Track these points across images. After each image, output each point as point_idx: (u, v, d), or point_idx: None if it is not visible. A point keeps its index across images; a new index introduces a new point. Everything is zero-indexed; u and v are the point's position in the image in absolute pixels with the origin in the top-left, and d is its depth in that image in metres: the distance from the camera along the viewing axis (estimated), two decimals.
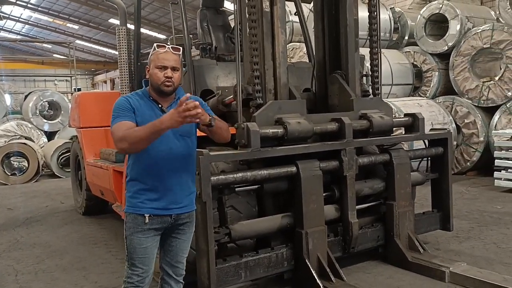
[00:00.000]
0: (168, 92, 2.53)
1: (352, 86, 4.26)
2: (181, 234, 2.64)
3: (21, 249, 5.25)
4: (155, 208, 2.49)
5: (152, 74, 2.52)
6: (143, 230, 2.49)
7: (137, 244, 2.50)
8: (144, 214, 2.48)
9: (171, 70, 2.49)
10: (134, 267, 2.53)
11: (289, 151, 3.60)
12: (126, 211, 2.54)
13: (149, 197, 2.49)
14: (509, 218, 5.63)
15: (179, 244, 2.65)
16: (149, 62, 2.56)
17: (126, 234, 2.54)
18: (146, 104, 2.53)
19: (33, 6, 27.11)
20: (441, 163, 4.63)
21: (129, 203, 2.53)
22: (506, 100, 8.23)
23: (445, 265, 3.84)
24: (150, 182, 2.49)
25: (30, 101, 12.70)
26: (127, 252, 2.55)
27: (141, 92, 2.60)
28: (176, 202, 2.54)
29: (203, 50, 5.37)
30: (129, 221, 2.52)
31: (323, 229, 3.73)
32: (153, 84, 2.53)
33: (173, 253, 2.64)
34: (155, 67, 2.50)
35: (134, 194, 2.51)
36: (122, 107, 2.48)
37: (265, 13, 3.82)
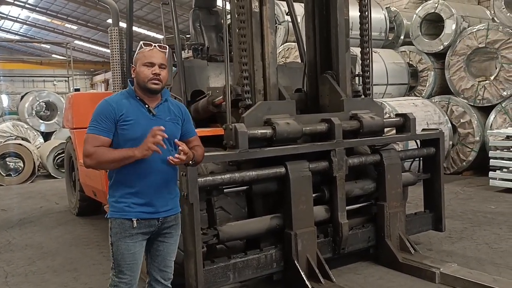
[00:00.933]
0: (156, 90, 2.47)
1: (342, 87, 4.24)
2: (168, 237, 2.58)
3: (12, 251, 5.23)
4: (143, 212, 2.44)
5: (139, 72, 2.45)
6: (131, 235, 2.43)
7: (125, 250, 2.43)
8: (131, 218, 2.42)
9: (159, 67, 2.44)
10: (122, 274, 2.46)
11: (278, 152, 3.59)
12: (112, 217, 2.46)
13: (136, 201, 2.43)
14: (503, 218, 5.62)
15: (167, 248, 2.59)
16: (135, 60, 2.51)
17: (112, 240, 2.45)
18: (133, 104, 2.47)
19: (31, 6, 27.09)
20: (433, 163, 4.61)
21: (115, 208, 2.46)
22: (501, 99, 8.22)
23: (435, 266, 3.83)
24: (137, 185, 2.43)
25: (26, 102, 12.68)
26: (113, 260, 2.46)
27: (126, 92, 2.53)
28: (163, 205, 2.50)
29: (195, 51, 5.36)
30: (115, 227, 2.44)
31: (312, 230, 3.72)
32: (140, 82, 2.46)
33: (161, 257, 2.58)
34: (142, 65, 2.45)
35: (120, 199, 2.45)
36: (103, 115, 2.40)
37: (254, 13, 3.81)
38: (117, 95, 2.53)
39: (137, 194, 2.43)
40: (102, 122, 2.39)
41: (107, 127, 2.39)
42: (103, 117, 2.39)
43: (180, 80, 4.43)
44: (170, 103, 2.59)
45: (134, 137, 2.38)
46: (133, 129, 2.40)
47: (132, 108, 2.45)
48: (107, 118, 2.39)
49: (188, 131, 2.61)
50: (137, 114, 2.44)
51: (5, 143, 11.26)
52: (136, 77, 2.48)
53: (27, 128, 12.46)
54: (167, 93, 2.60)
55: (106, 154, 2.35)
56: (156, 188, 2.47)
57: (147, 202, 2.45)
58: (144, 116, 2.44)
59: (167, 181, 2.52)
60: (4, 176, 10.58)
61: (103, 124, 2.38)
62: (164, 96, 2.56)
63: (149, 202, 2.45)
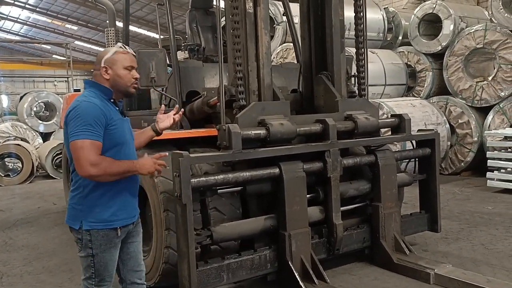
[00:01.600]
0: (134, 94, 2.49)
1: (337, 87, 4.24)
2: (136, 236, 2.59)
3: (8, 251, 5.24)
4: (125, 219, 2.43)
5: (120, 75, 2.41)
6: (115, 244, 2.40)
7: (109, 260, 2.40)
8: (116, 227, 2.38)
9: (136, 71, 2.48)
10: (103, 282, 2.42)
11: (272, 152, 3.59)
12: (92, 228, 2.32)
13: (119, 209, 2.40)
14: (499, 219, 5.61)
15: (136, 247, 2.59)
16: (111, 62, 2.42)
17: (94, 252, 2.34)
18: (110, 106, 2.42)
19: (31, 6, 27.12)
20: (429, 164, 4.60)
21: (96, 219, 2.34)
22: (499, 100, 8.22)
23: (430, 267, 3.82)
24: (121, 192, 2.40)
25: (25, 102, 12.69)
26: (93, 271, 2.38)
27: (100, 94, 2.42)
28: (137, 207, 2.56)
29: (191, 51, 5.37)
30: (98, 239, 2.33)
31: (306, 231, 3.72)
32: (121, 86, 2.43)
33: (133, 259, 2.58)
34: (123, 68, 2.41)
35: (103, 207, 2.35)
36: (96, 119, 2.28)
37: (248, 14, 3.81)
38: (95, 97, 2.38)
39: (120, 202, 2.40)
40: (96, 127, 2.28)
41: (100, 132, 2.29)
42: (97, 121, 2.28)
43: (175, 81, 4.43)
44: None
45: (119, 142, 2.38)
46: (119, 133, 2.38)
47: (112, 112, 2.39)
48: (100, 123, 2.30)
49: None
50: (115, 117, 2.40)
51: (4, 144, 11.26)
52: (114, 79, 2.42)
53: (26, 128, 12.47)
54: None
55: (113, 166, 2.27)
56: (134, 192, 2.51)
57: (128, 208, 2.45)
58: (120, 118, 2.44)
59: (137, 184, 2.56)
60: (2, 176, 10.58)
61: (98, 129, 2.28)
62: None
63: (129, 207, 2.46)
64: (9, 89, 19.23)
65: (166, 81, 4.20)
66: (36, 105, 12.98)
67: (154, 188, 3.68)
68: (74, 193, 2.39)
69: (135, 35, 27.67)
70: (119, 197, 2.40)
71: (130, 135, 2.53)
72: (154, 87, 4.10)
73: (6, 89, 18.38)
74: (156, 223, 3.71)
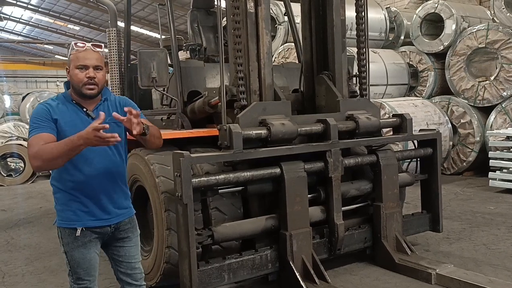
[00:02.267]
0: (92, 95, 2.34)
1: (339, 87, 4.24)
2: (127, 241, 2.52)
3: (10, 251, 5.25)
4: (91, 220, 2.35)
5: (72, 75, 2.32)
6: (84, 243, 2.36)
7: (80, 258, 2.37)
8: (76, 227, 2.33)
9: (94, 69, 2.31)
10: (81, 280, 2.41)
11: (273, 152, 3.58)
12: (59, 226, 2.37)
13: (82, 208, 2.33)
14: (501, 219, 5.60)
15: (128, 252, 2.53)
16: (69, 61, 2.37)
17: (65, 249, 2.39)
18: (70, 108, 2.35)
19: (33, 7, 27.18)
20: (430, 164, 4.59)
21: (61, 217, 2.36)
22: (501, 100, 8.20)
23: (431, 267, 3.82)
24: (82, 191, 2.33)
25: (28, 102, 12.74)
26: (69, 268, 2.41)
27: (62, 96, 2.40)
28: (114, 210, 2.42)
29: (192, 51, 5.37)
30: (65, 236, 2.36)
31: (308, 231, 3.71)
32: (75, 86, 2.34)
33: (125, 262, 2.53)
34: (75, 68, 2.31)
35: (65, 206, 2.34)
36: (40, 117, 2.27)
37: (249, 13, 3.81)
38: (53, 100, 2.39)
39: (82, 201, 2.33)
40: (41, 122, 2.26)
41: (48, 125, 2.25)
42: (41, 118, 2.27)
43: (177, 81, 4.43)
44: (110, 102, 2.48)
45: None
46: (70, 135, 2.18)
47: (69, 113, 2.33)
48: (46, 119, 2.27)
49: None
50: (74, 118, 2.32)
51: (6, 144, 11.29)
52: (70, 79, 2.36)
53: (28, 128, 12.48)
54: (107, 92, 2.49)
55: (50, 149, 2.14)
56: (101, 194, 2.37)
57: (92, 209, 2.35)
58: (82, 120, 2.31)
59: (114, 184, 2.43)
60: (5, 176, 10.62)
61: (43, 124, 2.25)
62: (103, 96, 2.45)
63: (95, 209, 2.36)
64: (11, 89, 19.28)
65: (167, 81, 4.20)
66: None
67: (155, 188, 3.69)
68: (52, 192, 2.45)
69: (137, 35, 27.73)
70: (81, 199, 2.34)
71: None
72: (155, 87, 4.11)
73: (8, 89, 18.42)
74: (157, 223, 3.71)
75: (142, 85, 4.10)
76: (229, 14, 3.82)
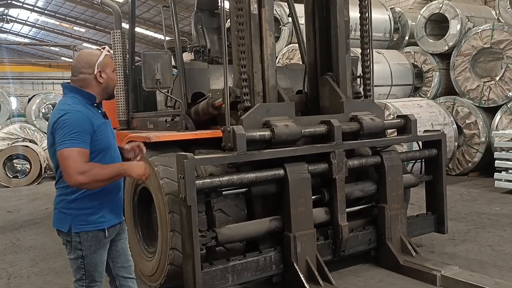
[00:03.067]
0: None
1: (343, 88, 4.23)
2: (122, 233, 2.65)
3: (16, 252, 5.27)
4: (113, 219, 2.47)
5: (112, 78, 2.49)
6: (104, 244, 2.44)
7: (99, 260, 2.43)
8: (104, 228, 2.41)
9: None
10: (94, 282, 2.46)
11: (276, 154, 3.58)
12: (83, 230, 2.35)
13: (108, 210, 2.43)
14: (507, 220, 5.57)
15: (124, 243, 2.65)
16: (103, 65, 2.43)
17: (84, 254, 2.37)
18: (94, 112, 2.42)
19: (39, 9, 27.35)
20: (435, 165, 4.58)
21: (86, 221, 2.36)
22: (507, 100, 8.16)
23: (436, 269, 3.80)
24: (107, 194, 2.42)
25: (33, 104, 12.78)
26: (84, 272, 2.41)
27: (77, 101, 2.38)
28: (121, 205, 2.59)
29: (196, 53, 5.38)
30: (87, 240, 2.37)
31: (312, 232, 3.71)
32: (110, 88, 2.48)
33: (122, 255, 2.63)
34: (112, 71, 2.49)
35: (92, 210, 2.37)
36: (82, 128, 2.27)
37: (253, 15, 3.81)
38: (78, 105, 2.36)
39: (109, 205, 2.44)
40: (83, 135, 2.27)
41: (87, 139, 2.29)
42: (84, 130, 2.28)
43: (181, 82, 4.44)
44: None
45: (103, 148, 2.38)
46: (104, 138, 2.37)
47: (96, 117, 2.40)
48: (87, 132, 2.30)
49: None
50: (100, 122, 2.40)
51: (12, 145, 11.36)
52: (108, 82, 2.45)
53: (34, 130, 12.55)
54: None
55: (101, 172, 2.24)
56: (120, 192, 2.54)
57: (115, 209, 2.50)
58: (103, 122, 2.43)
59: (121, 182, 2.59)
60: (11, 177, 10.67)
61: (85, 137, 2.28)
62: None
63: (116, 208, 2.51)
64: (17, 91, 19.37)
65: (171, 83, 4.21)
66: (44, 107, 13.06)
67: (159, 190, 3.70)
68: (60, 197, 2.40)
69: (142, 37, 27.82)
70: (107, 200, 2.43)
71: (113, 137, 2.54)
72: (159, 89, 4.12)
73: (15, 91, 18.51)
74: (161, 225, 3.72)
75: (146, 87, 4.11)
76: (233, 15, 3.83)
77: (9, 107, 13.19)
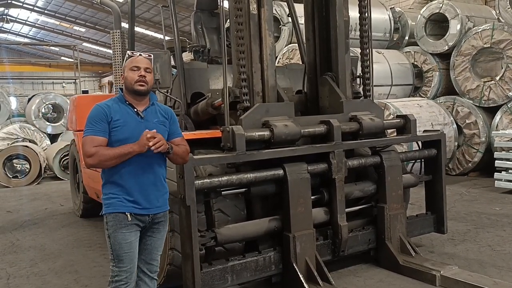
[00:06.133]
0: (142, 92, 2.64)
1: (342, 88, 4.23)
2: (156, 233, 2.74)
3: (16, 252, 5.27)
4: (134, 207, 2.60)
5: (126, 77, 2.66)
6: (126, 225, 2.59)
7: (122, 240, 2.58)
8: (125, 212, 2.58)
9: (144, 70, 2.65)
10: (122, 263, 2.59)
11: (275, 154, 3.58)
12: (106, 212, 2.62)
13: (127, 197, 2.59)
14: (507, 220, 5.56)
15: (154, 243, 2.75)
16: (123, 68, 2.71)
17: (108, 233, 2.61)
18: (122, 108, 2.66)
19: (39, 9, 27.34)
20: (434, 165, 4.58)
21: (108, 205, 2.62)
22: (507, 100, 8.16)
23: (436, 269, 3.80)
24: (128, 183, 2.59)
25: (33, 104, 12.77)
26: (112, 251, 2.61)
27: (117, 98, 2.71)
28: (153, 202, 2.66)
29: (196, 53, 5.37)
30: (110, 220, 2.60)
31: (311, 232, 3.70)
32: (128, 86, 2.66)
33: (147, 251, 2.74)
34: (129, 70, 2.65)
35: (112, 195, 2.61)
36: (97, 118, 2.58)
37: (252, 15, 3.81)
38: (108, 101, 2.70)
39: (128, 192, 2.60)
40: (97, 124, 2.57)
41: (102, 128, 2.56)
42: (97, 119, 2.58)
43: (180, 82, 4.44)
44: (157, 106, 2.77)
45: (122, 138, 2.56)
46: (122, 130, 2.58)
47: (121, 112, 2.63)
48: (101, 120, 2.57)
49: (173, 132, 2.77)
50: (126, 117, 2.62)
51: (12, 145, 11.36)
52: (124, 82, 2.68)
53: (33, 130, 12.56)
54: (154, 97, 2.80)
55: (107, 152, 2.51)
56: (146, 187, 2.63)
57: (137, 199, 2.61)
58: (132, 119, 2.63)
59: (156, 180, 2.67)
60: (11, 178, 10.67)
61: (98, 126, 2.56)
62: (151, 100, 2.75)
63: (140, 199, 2.61)
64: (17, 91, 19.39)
65: (171, 83, 4.20)
66: (44, 107, 13.07)
67: None
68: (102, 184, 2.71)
69: (142, 37, 27.82)
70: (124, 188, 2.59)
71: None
72: (158, 89, 4.10)
73: (15, 91, 18.53)
74: None
75: None
76: (232, 15, 3.83)
77: (9, 107, 13.19)
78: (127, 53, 2.75)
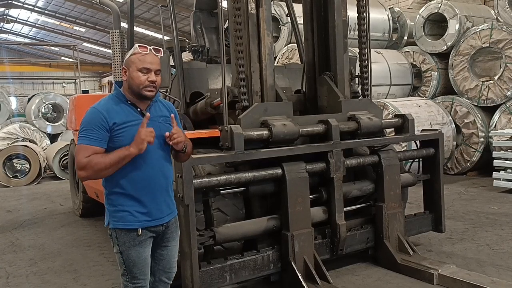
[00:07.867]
0: (151, 97, 2.40)
1: (340, 88, 4.24)
2: (171, 240, 2.56)
3: (15, 252, 5.28)
4: (147, 220, 2.38)
5: (133, 77, 2.35)
6: (140, 242, 2.38)
7: (136, 257, 2.39)
8: (137, 228, 2.36)
9: (155, 74, 2.38)
10: (136, 279, 2.43)
11: (274, 153, 3.59)
12: (116, 227, 2.37)
13: (139, 209, 2.36)
14: (505, 219, 5.58)
15: (170, 251, 2.58)
16: (128, 62, 2.39)
17: (120, 249, 2.39)
18: (124, 109, 2.38)
19: (39, 9, 27.36)
20: (432, 164, 4.59)
21: (117, 218, 2.37)
22: (505, 99, 8.17)
23: (433, 267, 3.81)
24: (137, 193, 2.36)
25: (33, 104, 12.81)
26: (124, 267, 2.41)
27: (115, 96, 2.41)
28: (166, 209, 2.47)
29: (195, 53, 5.38)
30: (122, 237, 2.37)
31: (309, 231, 3.72)
32: (134, 88, 2.36)
33: (165, 261, 2.57)
34: (137, 70, 2.34)
35: (121, 207, 2.36)
36: (93, 124, 2.29)
37: (251, 15, 3.82)
38: (106, 101, 2.40)
39: (140, 203, 2.36)
40: (93, 131, 2.28)
41: (99, 136, 2.28)
42: (94, 126, 2.29)
43: (179, 82, 4.45)
44: (160, 102, 2.54)
45: (129, 143, 2.28)
46: (127, 136, 2.30)
47: (124, 114, 2.36)
48: (98, 127, 2.29)
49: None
50: (130, 118, 2.35)
51: (12, 145, 11.37)
52: (129, 81, 2.37)
53: (33, 130, 12.58)
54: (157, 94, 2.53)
55: (101, 160, 2.24)
56: (158, 194, 2.41)
57: (150, 210, 2.38)
58: (137, 120, 2.35)
59: (167, 183, 2.47)
60: (10, 177, 10.69)
61: (94, 134, 2.28)
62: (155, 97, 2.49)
63: (152, 209, 2.39)
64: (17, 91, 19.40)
65: (170, 83, 4.22)
66: (44, 107, 13.09)
67: None
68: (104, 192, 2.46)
69: (142, 37, 27.82)
70: (136, 199, 2.36)
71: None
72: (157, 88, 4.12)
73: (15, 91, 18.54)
74: None
75: None
76: (231, 15, 3.84)
77: (9, 107, 13.21)
78: (136, 45, 2.39)
